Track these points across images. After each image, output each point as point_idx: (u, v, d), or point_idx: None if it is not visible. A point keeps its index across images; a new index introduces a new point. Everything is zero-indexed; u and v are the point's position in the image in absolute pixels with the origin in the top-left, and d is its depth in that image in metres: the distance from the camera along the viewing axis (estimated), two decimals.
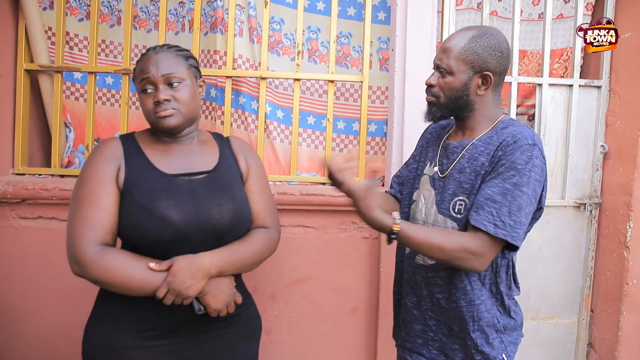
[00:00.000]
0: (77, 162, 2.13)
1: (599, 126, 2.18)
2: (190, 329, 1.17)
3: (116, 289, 1.08)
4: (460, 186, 1.19)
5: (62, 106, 2.04)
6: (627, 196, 2.04)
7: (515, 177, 1.09)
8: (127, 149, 1.19)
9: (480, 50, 1.17)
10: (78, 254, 1.06)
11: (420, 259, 1.27)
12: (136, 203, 1.11)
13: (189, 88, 1.20)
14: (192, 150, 1.25)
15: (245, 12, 2.13)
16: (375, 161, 2.24)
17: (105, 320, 1.17)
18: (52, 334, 1.97)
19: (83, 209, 1.10)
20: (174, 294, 1.06)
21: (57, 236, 1.92)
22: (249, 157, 1.34)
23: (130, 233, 1.12)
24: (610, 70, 2.16)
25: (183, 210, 1.13)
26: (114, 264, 1.06)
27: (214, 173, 1.23)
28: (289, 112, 2.18)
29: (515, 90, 2.12)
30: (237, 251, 1.18)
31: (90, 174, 1.14)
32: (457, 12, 2.20)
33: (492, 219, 1.08)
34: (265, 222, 1.30)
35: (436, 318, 1.26)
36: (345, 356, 2.06)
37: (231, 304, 1.17)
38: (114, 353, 1.13)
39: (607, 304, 2.15)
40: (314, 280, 2.00)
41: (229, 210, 1.19)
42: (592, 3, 2.24)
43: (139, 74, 1.19)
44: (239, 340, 1.27)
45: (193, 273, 1.08)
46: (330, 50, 2.05)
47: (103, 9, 2.20)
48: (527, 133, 1.15)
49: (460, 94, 1.20)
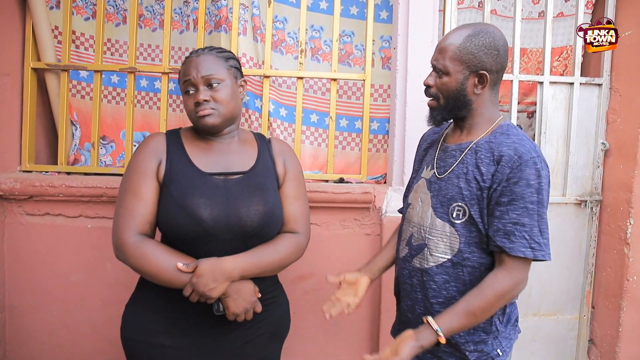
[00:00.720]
0: (83, 160, 2.16)
1: (600, 124, 2.19)
2: (215, 323, 1.22)
3: (148, 278, 1.16)
4: (460, 192, 1.18)
5: (68, 104, 2.07)
6: (627, 193, 2.06)
7: (533, 195, 1.10)
8: (170, 145, 1.25)
9: (476, 49, 1.16)
10: (119, 242, 1.15)
11: (417, 262, 1.26)
12: (172, 198, 1.18)
13: (229, 88, 1.24)
14: (231, 149, 1.29)
15: (249, 11, 2.16)
16: (378, 159, 2.26)
17: (140, 305, 1.27)
18: (59, 328, 2.00)
19: (126, 200, 1.18)
20: (197, 294, 1.13)
21: (64, 233, 1.95)
22: (288, 161, 1.35)
23: (164, 227, 1.19)
24: (611, 68, 2.17)
25: (213, 209, 1.17)
26: (148, 255, 1.13)
27: (250, 174, 1.26)
28: (292, 110, 2.21)
29: (516, 88, 2.14)
30: (261, 256, 1.21)
31: (134, 167, 1.21)
32: (458, 11, 2.22)
33: (527, 243, 1.09)
34: (296, 227, 1.31)
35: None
36: (348, 352, 2.08)
37: (250, 311, 1.20)
38: (146, 335, 1.22)
39: (607, 300, 2.16)
40: (317, 276, 2.02)
41: (258, 212, 1.21)
42: (592, 2, 2.25)
43: (182, 76, 1.24)
44: (261, 339, 1.30)
45: (215, 276, 1.13)
46: (333, 48, 2.07)
47: (109, 8, 2.23)
48: (528, 145, 1.15)
49: (457, 94, 1.19)
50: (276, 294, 1.36)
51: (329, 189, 1.95)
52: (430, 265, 1.22)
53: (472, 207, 1.16)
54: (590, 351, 2.27)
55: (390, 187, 2.01)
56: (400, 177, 1.99)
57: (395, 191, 2.00)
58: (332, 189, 1.94)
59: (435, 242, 1.22)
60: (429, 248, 1.23)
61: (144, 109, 2.32)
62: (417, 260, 1.26)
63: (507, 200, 1.11)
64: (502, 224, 1.11)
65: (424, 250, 1.24)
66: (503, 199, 1.11)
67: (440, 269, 1.21)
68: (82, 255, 1.96)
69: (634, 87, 2.06)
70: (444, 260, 1.20)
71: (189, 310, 1.20)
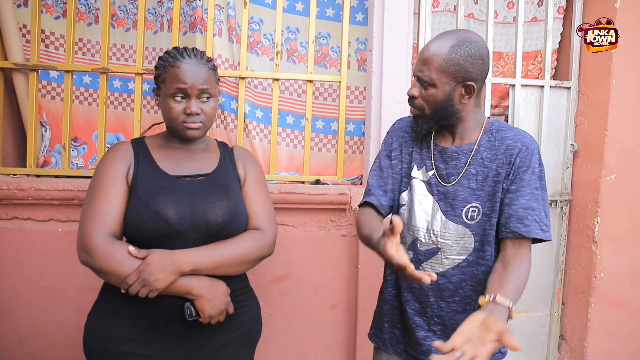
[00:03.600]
0: (53, 162, 2.10)
1: (569, 126, 2.26)
2: (184, 327, 1.18)
3: (114, 281, 1.12)
4: (473, 193, 1.21)
5: (37, 105, 2.01)
6: (594, 193, 2.12)
7: (538, 181, 1.18)
8: (137, 152, 1.27)
9: (462, 60, 1.15)
10: (87, 243, 1.12)
11: (429, 266, 1.25)
12: (138, 198, 1.18)
13: (215, 103, 1.29)
14: (196, 155, 1.32)
15: (224, 12, 2.14)
16: (354, 160, 2.28)
17: (105, 312, 1.23)
18: (29, 336, 1.94)
19: (94, 202, 1.17)
20: (141, 283, 1.08)
21: (33, 237, 1.90)
22: (247, 163, 1.39)
23: (129, 226, 1.17)
24: (579, 72, 2.24)
25: (179, 206, 1.18)
26: (117, 256, 1.11)
27: (213, 175, 1.29)
28: (268, 112, 2.20)
29: (489, 90, 2.18)
30: (217, 250, 1.18)
31: (103, 171, 1.22)
32: (433, 14, 2.25)
33: (539, 225, 1.15)
34: (258, 223, 1.30)
35: (442, 323, 1.25)
36: (325, 352, 2.08)
37: (223, 313, 1.19)
38: (111, 343, 1.18)
39: (577, 296, 2.23)
40: (294, 277, 2.02)
41: (223, 208, 1.22)
42: (563, 7, 2.31)
43: (173, 79, 1.22)
44: (233, 343, 1.28)
45: (165, 267, 1.10)
46: (309, 50, 2.08)
47: (80, 7, 2.18)
48: (528, 136, 1.22)
49: (444, 105, 1.20)
50: (247, 297, 1.35)
51: (305, 190, 1.95)
52: (447, 268, 1.24)
53: (485, 205, 1.20)
54: (560, 346, 2.33)
55: None
56: None
57: None
58: (308, 190, 1.94)
59: (449, 245, 1.23)
60: (443, 252, 1.24)
61: (117, 110, 2.27)
62: (429, 265, 1.26)
63: (516, 187, 1.17)
64: (514, 209, 1.16)
65: (437, 254, 1.25)
66: (512, 187, 1.18)
67: (456, 269, 1.23)
68: (52, 260, 1.91)
69: (600, 91, 2.12)
70: (460, 260, 1.23)
71: (158, 316, 1.17)
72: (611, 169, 2.09)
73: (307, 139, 2.09)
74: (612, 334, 2.17)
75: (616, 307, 2.15)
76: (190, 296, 1.14)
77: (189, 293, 1.14)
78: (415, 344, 1.29)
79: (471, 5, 2.36)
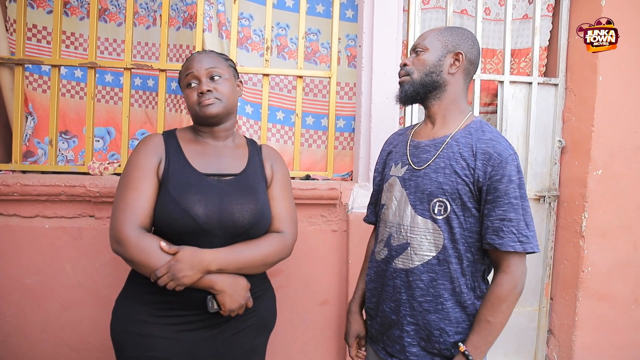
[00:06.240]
0: (40, 154, 2.08)
1: (557, 122, 2.28)
2: (203, 315, 1.23)
3: (145, 271, 1.16)
4: (440, 187, 1.19)
5: (23, 97, 1.99)
6: (582, 188, 2.15)
7: (516, 191, 1.14)
8: (168, 145, 1.30)
9: (455, 34, 1.27)
10: (119, 235, 1.16)
11: (400, 262, 1.25)
12: (169, 194, 1.21)
13: (229, 82, 1.32)
14: (225, 152, 1.35)
15: (214, 7, 2.13)
16: (344, 156, 2.28)
17: (129, 299, 1.28)
18: (14, 335, 1.91)
19: (127, 194, 1.20)
20: (170, 277, 1.13)
21: (19, 234, 1.87)
22: (275, 165, 1.42)
23: (159, 220, 1.21)
24: (567, 69, 2.27)
25: (207, 205, 1.22)
26: (148, 248, 1.15)
27: (241, 176, 1.32)
28: (258, 108, 2.19)
29: (478, 87, 2.20)
30: (242, 252, 1.23)
31: (135, 164, 1.25)
32: (423, 11, 2.26)
33: (516, 237, 1.13)
34: (281, 226, 1.34)
35: (415, 323, 1.23)
36: (315, 348, 2.08)
37: (243, 307, 1.24)
38: (134, 325, 1.23)
39: (565, 291, 2.25)
40: (284, 273, 2.01)
41: (250, 210, 1.26)
42: (552, 5, 2.33)
43: (184, 70, 1.31)
44: (249, 329, 1.33)
45: (193, 264, 1.15)
46: (299, 46, 2.07)
47: (73, 1, 2.17)
48: (504, 143, 1.19)
49: (433, 69, 1.25)
50: (264, 288, 1.40)
51: (295, 185, 1.94)
52: (416, 265, 1.22)
53: (454, 202, 1.18)
54: (549, 341, 2.35)
55: (357, 184, 2.03)
56: (366, 174, 2.01)
57: (362, 187, 2.01)
58: (299, 186, 1.94)
59: (418, 240, 1.22)
60: (412, 247, 1.23)
61: (109, 105, 2.25)
62: (400, 261, 1.25)
63: (492, 197, 1.15)
64: (490, 221, 1.15)
65: (407, 249, 1.24)
66: (489, 197, 1.15)
67: (426, 267, 1.21)
68: (39, 257, 1.88)
69: (586, 87, 2.15)
70: (430, 257, 1.21)
71: (180, 304, 1.22)
72: (598, 165, 2.12)
73: (297, 134, 2.09)
74: (600, 327, 2.19)
75: (604, 301, 2.18)
76: (212, 290, 1.19)
77: (211, 287, 1.19)
78: (392, 341, 1.29)
79: (464, 1, 2.37)
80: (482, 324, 1.15)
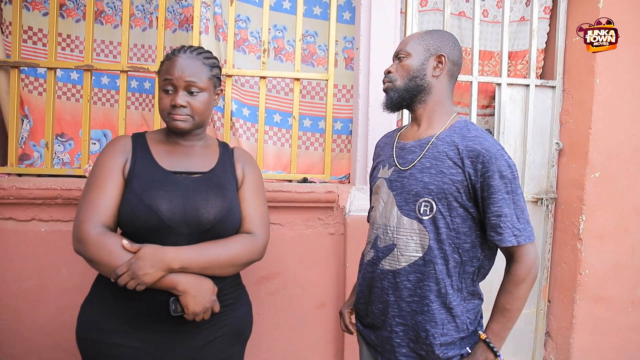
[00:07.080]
0: (35, 157, 2.07)
1: (554, 124, 2.28)
2: (169, 322, 1.18)
3: (105, 271, 1.13)
4: (426, 187, 1.19)
5: (19, 100, 1.98)
6: (579, 191, 2.15)
7: (508, 185, 1.15)
8: (135, 146, 1.28)
9: (435, 37, 1.29)
10: (80, 233, 1.14)
11: (387, 263, 1.25)
12: (132, 191, 1.19)
13: (206, 98, 1.28)
14: (194, 152, 1.32)
15: (211, 9, 2.13)
16: (341, 159, 2.27)
17: (94, 302, 1.25)
18: (10, 338, 1.90)
19: (90, 194, 1.19)
20: (130, 276, 1.10)
21: (14, 237, 1.86)
22: (247, 167, 1.39)
23: (122, 218, 1.19)
24: (564, 71, 2.27)
25: (171, 201, 1.19)
26: (108, 246, 1.12)
27: (209, 174, 1.30)
28: (255, 110, 2.19)
29: (475, 89, 2.19)
30: (207, 250, 1.19)
31: (100, 164, 1.23)
32: (421, 13, 2.26)
33: (511, 231, 1.15)
34: (251, 227, 1.30)
35: (404, 324, 1.23)
36: (313, 352, 2.07)
37: (209, 311, 1.18)
38: (99, 333, 1.20)
39: (562, 294, 2.25)
40: (281, 276, 2.01)
41: (216, 206, 1.22)
42: (549, 7, 2.33)
43: (164, 72, 1.26)
44: (221, 339, 1.27)
45: (154, 262, 1.11)
46: (296, 48, 2.07)
47: (69, 4, 2.16)
48: (490, 139, 1.20)
49: (417, 74, 1.26)
50: (237, 295, 1.34)
51: (293, 188, 1.94)
52: (403, 265, 1.22)
53: (440, 202, 1.18)
54: (546, 343, 2.35)
55: (354, 187, 2.02)
56: (363, 176, 2.01)
57: (359, 190, 2.01)
58: (296, 189, 1.94)
59: (405, 241, 1.22)
60: (399, 248, 1.23)
61: (105, 107, 2.25)
62: (387, 262, 1.25)
63: (487, 194, 1.16)
64: (488, 218, 1.17)
65: (393, 250, 1.24)
66: (484, 194, 1.16)
67: (413, 267, 1.21)
68: (35, 260, 1.87)
69: (584, 90, 2.15)
70: (416, 258, 1.20)
71: (142, 309, 1.17)
72: (595, 167, 2.12)
73: (294, 137, 2.08)
74: (597, 330, 2.19)
75: (601, 304, 2.18)
76: (175, 291, 1.14)
77: (174, 288, 1.14)
78: (382, 342, 1.28)
79: (462, 3, 2.37)
80: (501, 312, 1.19)
